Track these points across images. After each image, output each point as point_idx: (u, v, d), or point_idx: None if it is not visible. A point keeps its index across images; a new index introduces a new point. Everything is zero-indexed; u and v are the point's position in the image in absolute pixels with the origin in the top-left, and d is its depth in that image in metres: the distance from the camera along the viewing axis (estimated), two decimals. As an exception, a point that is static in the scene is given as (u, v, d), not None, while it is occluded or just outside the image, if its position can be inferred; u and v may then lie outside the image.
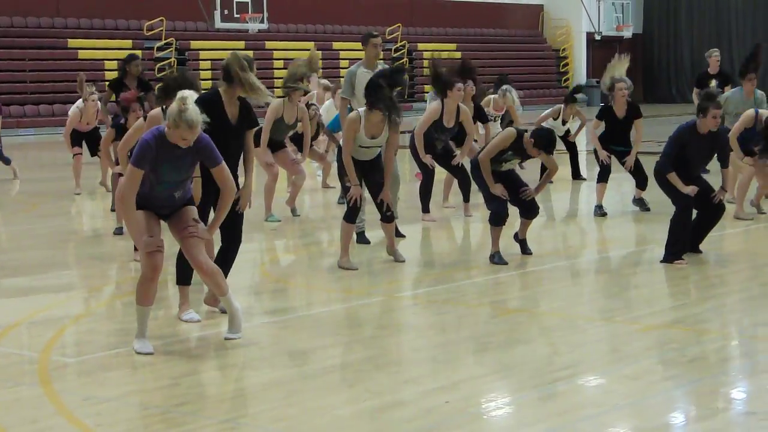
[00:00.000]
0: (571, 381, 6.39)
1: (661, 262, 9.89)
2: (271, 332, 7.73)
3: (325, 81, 17.97)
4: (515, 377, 6.55)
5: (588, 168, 18.30)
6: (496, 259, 10.03)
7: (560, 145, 16.24)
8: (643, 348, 7.14)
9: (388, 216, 9.95)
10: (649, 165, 18.78)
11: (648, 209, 13.24)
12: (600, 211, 13.05)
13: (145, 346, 7.03)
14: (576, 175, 17.10)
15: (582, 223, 13.10)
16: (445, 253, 11.01)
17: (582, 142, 18.09)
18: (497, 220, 10.08)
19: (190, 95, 6.88)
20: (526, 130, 10.20)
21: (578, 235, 12.35)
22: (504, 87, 16.58)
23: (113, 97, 14.66)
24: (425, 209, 12.80)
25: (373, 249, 10.86)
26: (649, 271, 9.99)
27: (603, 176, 13.12)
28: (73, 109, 15.95)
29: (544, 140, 9.91)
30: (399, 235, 11.11)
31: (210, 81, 26.24)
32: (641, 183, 13.29)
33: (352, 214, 9.81)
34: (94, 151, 16.05)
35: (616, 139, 13.21)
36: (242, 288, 8.94)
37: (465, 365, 6.78)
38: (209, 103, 7.56)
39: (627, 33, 44.10)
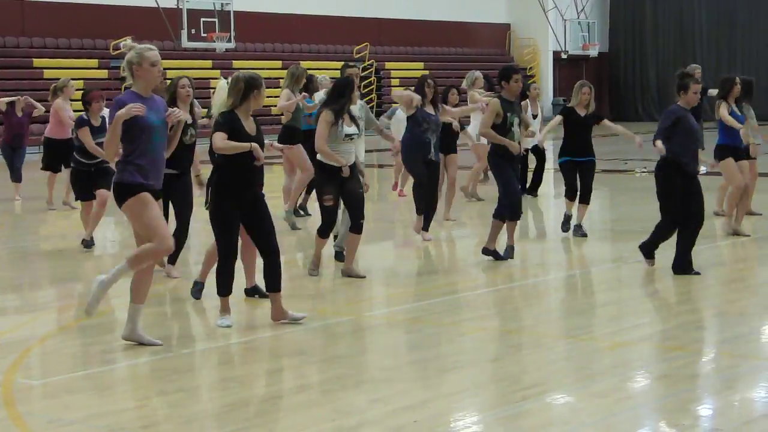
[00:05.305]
0: (539, 399, 6.40)
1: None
2: (238, 353, 7.69)
3: None
4: (483, 396, 6.56)
5: (555, 186, 18.41)
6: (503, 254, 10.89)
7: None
8: (610, 366, 7.17)
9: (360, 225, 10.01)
10: (615, 182, 18.93)
11: (585, 235, 12.61)
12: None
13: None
14: (530, 189, 16.56)
15: (548, 241, 13.11)
16: (412, 272, 11.00)
17: (551, 160, 18.13)
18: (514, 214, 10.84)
19: None
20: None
21: (545, 253, 12.34)
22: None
23: None
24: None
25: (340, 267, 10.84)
26: (615, 288, 10.04)
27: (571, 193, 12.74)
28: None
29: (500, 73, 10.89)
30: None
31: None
32: (586, 196, 12.69)
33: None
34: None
35: (578, 146, 12.66)
36: (208, 308, 8.90)
37: (433, 384, 6.78)
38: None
39: (593, 52, 44.36)
